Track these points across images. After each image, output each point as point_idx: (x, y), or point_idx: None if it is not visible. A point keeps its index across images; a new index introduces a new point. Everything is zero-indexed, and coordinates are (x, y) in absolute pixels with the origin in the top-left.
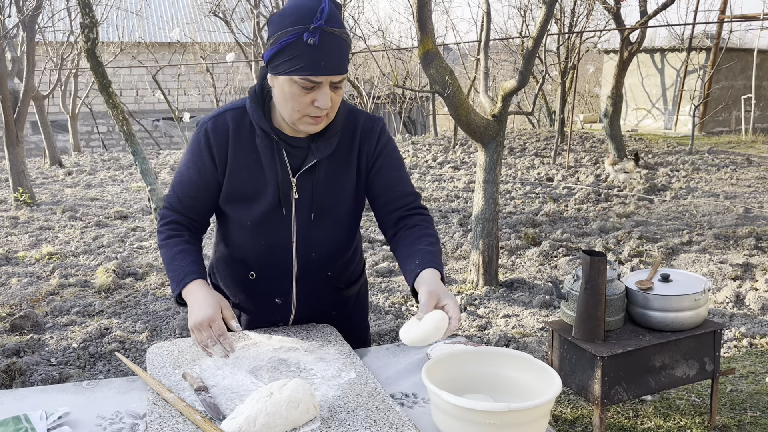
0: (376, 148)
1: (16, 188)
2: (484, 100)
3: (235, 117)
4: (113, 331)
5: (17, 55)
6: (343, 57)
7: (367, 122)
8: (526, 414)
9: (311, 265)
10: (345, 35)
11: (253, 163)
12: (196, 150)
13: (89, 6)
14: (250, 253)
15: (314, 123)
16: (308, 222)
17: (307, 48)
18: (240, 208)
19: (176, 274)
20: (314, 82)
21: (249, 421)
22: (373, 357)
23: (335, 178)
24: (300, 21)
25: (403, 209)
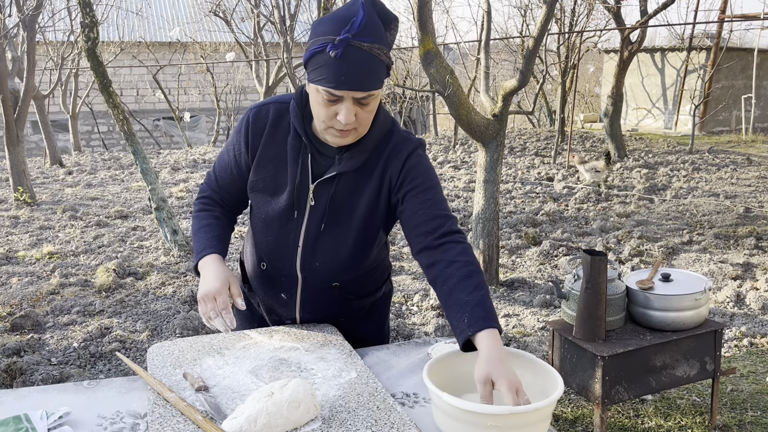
0: (401, 171)
1: (16, 188)
2: (484, 99)
3: (278, 110)
4: (114, 330)
5: (18, 55)
6: (368, 73)
7: (398, 145)
8: (527, 416)
9: (315, 273)
10: (377, 50)
11: (280, 160)
12: (236, 134)
13: (89, 5)
14: (263, 246)
15: (340, 136)
16: (317, 231)
17: (330, 60)
18: (260, 200)
19: (197, 245)
20: (335, 96)
21: (250, 421)
22: (374, 357)
23: (353, 194)
24: (330, 31)
25: (434, 236)
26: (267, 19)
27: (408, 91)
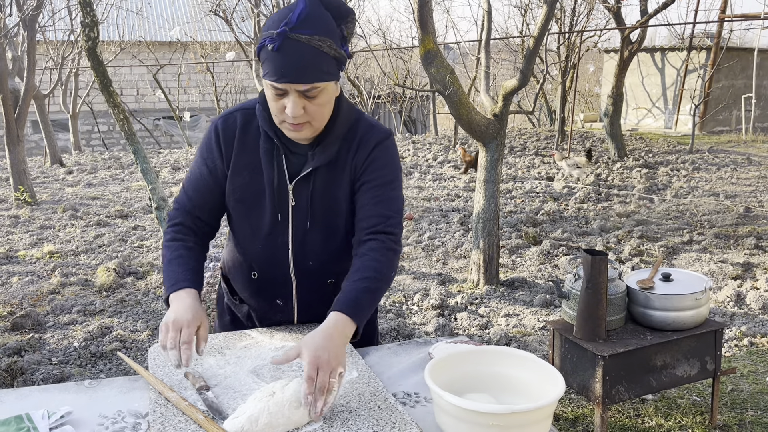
0: (366, 161)
1: (16, 187)
2: (484, 99)
3: (245, 116)
4: (114, 330)
5: (18, 54)
6: (309, 65)
7: (366, 134)
8: (529, 416)
9: (309, 272)
10: (318, 42)
11: (255, 166)
12: (206, 147)
13: (90, 5)
14: (250, 255)
15: (293, 130)
16: (304, 230)
17: (270, 54)
18: (241, 209)
19: (171, 276)
20: (280, 89)
21: (251, 421)
22: (375, 356)
23: (331, 188)
24: (272, 25)
25: (366, 231)
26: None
27: (408, 90)
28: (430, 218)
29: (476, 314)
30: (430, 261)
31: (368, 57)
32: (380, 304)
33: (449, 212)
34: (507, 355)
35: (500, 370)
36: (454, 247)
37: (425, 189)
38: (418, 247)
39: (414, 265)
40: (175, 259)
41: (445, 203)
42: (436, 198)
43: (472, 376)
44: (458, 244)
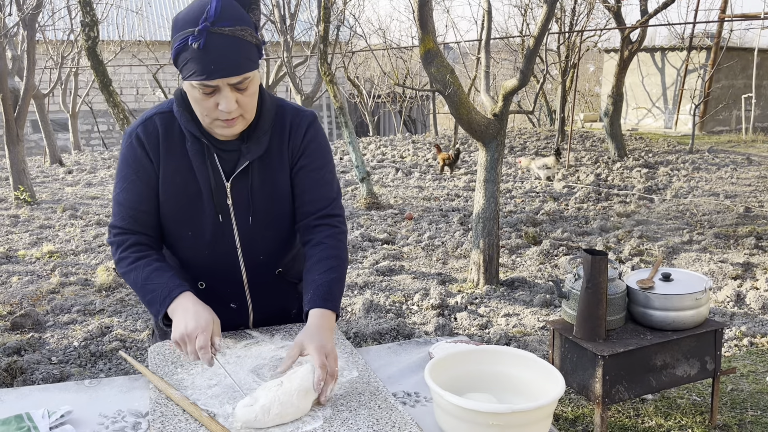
0: (301, 145)
1: (16, 187)
2: (484, 99)
3: (164, 120)
4: (114, 329)
5: (18, 54)
6: (237, 57)
7: (295, 117)
8: (529, 415)
9: (260, 266)
10: (240, 32)
11: (186, 169)
12: (132, 160)
13: (90, 4)
14: (195, 264)
15: (227, 126)
16: (248, 226)
17: (195, 52)
18: (177, 218)
19: (158, 292)
20: (211, 87)
21: (264, 411)
22: (374, 356)
23: (269, 177)
24: (188, 24)
25: (313, 216)
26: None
27: (408, 90)
28: (430, 218)
29: (476, 314)
30: (430, 261)
31: (368, 56)
32: (380, 303)
33: (449, 212)
34: (507, 354)
35: (500, 370)
36: (454, 246)
37: (425, 189)
38: (418, 246)
39: (414, 265)
40: (154, 271)
41: (445, 203)
42: (436, 198)
43: (472, 375)
44: (458, 243)
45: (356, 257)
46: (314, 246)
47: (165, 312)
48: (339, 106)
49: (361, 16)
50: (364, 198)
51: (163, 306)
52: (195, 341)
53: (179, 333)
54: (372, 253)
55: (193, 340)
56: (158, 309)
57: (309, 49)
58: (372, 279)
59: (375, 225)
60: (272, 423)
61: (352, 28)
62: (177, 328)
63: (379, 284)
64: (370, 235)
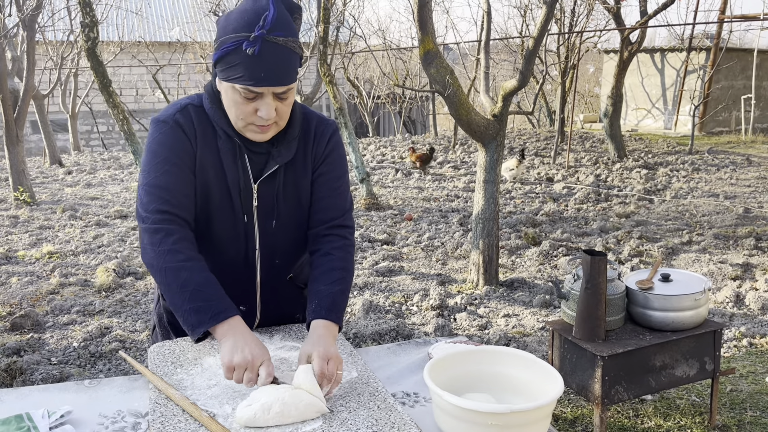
0: (324, 152)
1: (16, 187)
2: (484, 99)
3: (197, 112)
4: (114, 330)
5: (17, 55)
6: (287, 67)
7: (319, 126)
8: (527, 415)
9: (274, 270)
10: (292, 43)
11: (217, 165)
12: (172, 143)
13: (89, 5)
14: (212, 262)
15: (260, 132)
16: (270, 229)
17: (247, 58)
18: (202, 213)
19: (212, 304)
20: (255, 93)
21: (264, 409)
22: (374, 356)
23: (294, 183)
24: (242, 28)
25: (325, 225)
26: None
27: (408, 91)
28: (430, 219)
29: (476, 315)
30: (430, 261)
31: (368, 57)
32: (379, 304)
33: (449, 213)
34: (505, 354)
35: (499, 370)
36: (453, 247)
37: (425, 189)
38: (417, 247)
39: (413, 266)
40: (209, 282)
41: (445, 204)
42: (436, 198)
43: (471, 375)
44: (458, 244)
45: (356, 258)
46: (323, 256)
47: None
48: (338, 106)
49: (361, 17)
50: (363, 199)
51: (213, 320)
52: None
53: (242, 359)
54: (372, 254)
55: (256, 369)
56: (204, 320)
57: (309, 49)
58: (371, 280)
59: (375, 226)
60: (273, 422)
61: (352, 29)
62: (237, 353)
63: (378, 285)
64: (370, 236)
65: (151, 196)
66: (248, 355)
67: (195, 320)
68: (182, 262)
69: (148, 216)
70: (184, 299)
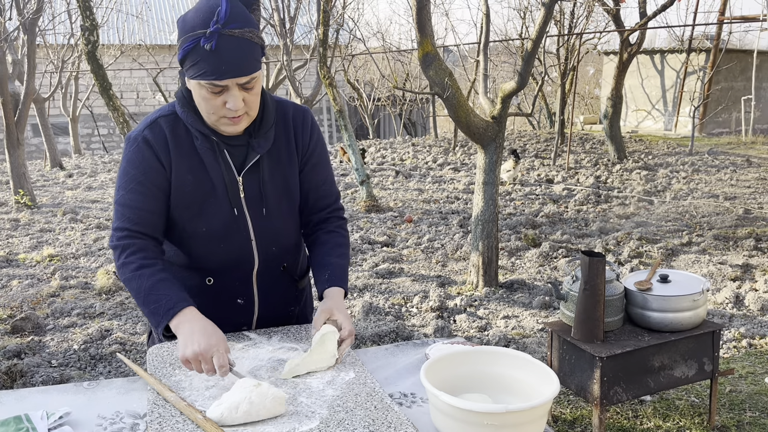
0: (310, 143)
1: (16, 190)
2: (483, 101)
3: (169, 123)
4: (114, 332)
5: (18, 58)
6: (246, 58)
7: (297, 114)
8: (523, 415)
9: (271, 260)
10: (249, 34)
11: (197, 168)
12: (139, 162)
13: (90, 9)
14: (207, 260)
15: (232, 124)
16: (262, 217)
17: (206, 53)
18: (191, 216)
19: (161, 303)
20: (220, 86)
21: (231, 408)
22: (371, 357)
23: (278, 170)
24: (199, 25)
25: (326, 210)
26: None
27: (408, 93)
28: (430, 220)
29: (475, 316)
30: (430, 263)
31: (367, 60)
32: (379, 305)
33: (449, 214)
34: (502, 355)
35: (495, 370)
36: (453, 249)
37: (425, 191)
38: (417, 249)
39: (413, 267)
40: (159, 282)
41: (445, 205)
42: (436, 200)
43: (468, 376)
44: (457, 246)
45: (356, 260)
46: (327, 233)
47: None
48: (338, 109)
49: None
50: (363, 201)
51: (165, 318)
52: (211, 361)
53: (192, 352)
54: (371, 256)
55: (209, 360)
56: (159, 320)
57: (309, 52)
58: (371, 281)
59: (374, 228)
60: (241, 420)
61: (352, 32)
62: (188, 346)
63: (378, 287)
64: (370, 238)
65: (116, 215)
66: (197, 347)
67: (154, 322)
68: (134, 271)
69: (113, 234)
70: (142, 305)
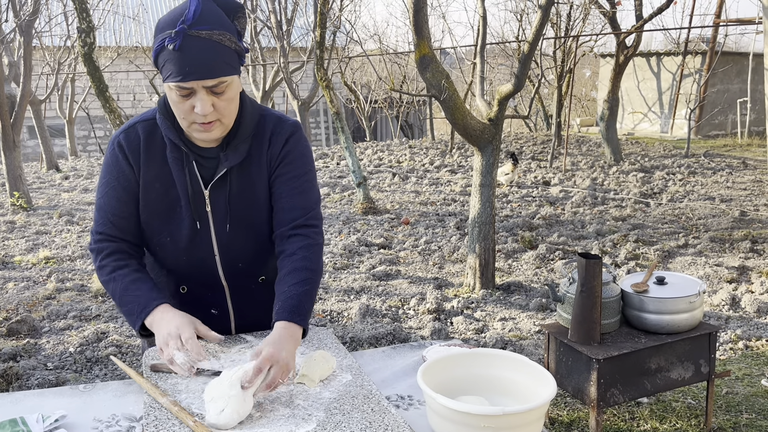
0: (280, 154)
1: (12, 193)
2: (480, 103)
3: (146, 128)
4: (110, 335)
5: (14, 60)
6: (212, 60)
7: (276, 126)
8: (520, 417)
9: (240, 274)
10: (219, 36)
11: (165, 177)
12: (113, 167)
13: (86, 10)
14: (175, 269)
15: (204, 130)
16: (225, 233)
17: (171, 54)
18: (157, 224)
19: (136, 303)
20: (186, 89)
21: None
22: (368, 359)
23: (248, 186)
24: (168, 26)
25: (288, 226)
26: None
27: (405, 95)
28: (427, 222)
29: (472, 318)
30: (427, 265)
31: (364, 62)
32: (375, 308)
33: (445, 216)
34: (498, 357)
35: (492, 373)
36: (450, 251)
37: (422, 193)
38: (414, 251)
39: (410, 270)
40: (133, 283)
41: (442, 208)
42: (433, 202)
43: (465, 378)
44: (454, 248)
45: (353, 262)
46: (287, 257)
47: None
48: (335, 111)
49: (358, 21)
50: (360, 203)
51: (139, 318)
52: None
53: (162, 337)
54: (368, 258)
55: (176, 338)
56: (135, 320)
57: (305, 54)
58: (368, 284)
59: (371, 230)
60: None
61: (349, 34)
62: (159, 334)
63: (375, 289)
64: (367, 240)
65: (95, 218)
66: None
67: (130, 321)
68: (109, 274)
69: (91, 238)
70: (120, 307)
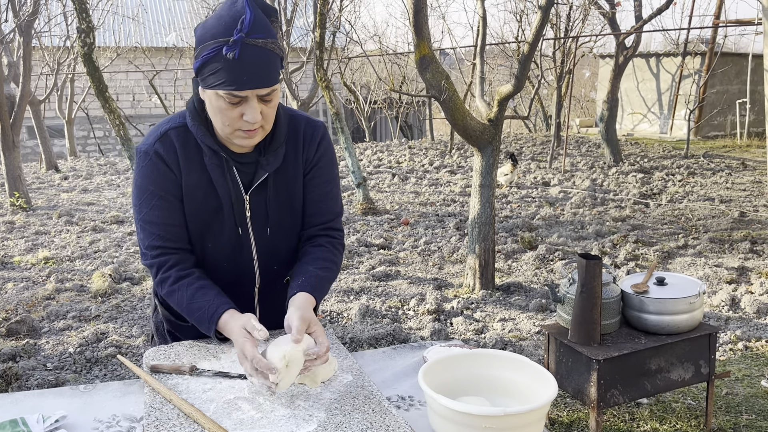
0: (314, 157)
1: (12, 193)
2: (480, 104)
3: (179, 135)
4: (109, 335)
5: (14, 60)
6: (268, 69)
7: (308, 128)
8: (521, 418)
9: (273, 277)
10: (272, 45)
11: (206, 183)
12: (155, 177)
13: (86, 11)
14: (213, 276)
15: (247, 137)
16: (266, 237)
17: (228, 62)
18: (198, 231)
19: (204, 311)
20: (239, 97)
21: None
22: (369, 360)
23: (285, 189)
24: (221, 33)
25: (318, 227)
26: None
27: (404, 96)
28: (426, 223)
29: (472, 319)
30: (426, 266)
31: (364, 62)
32: (376, 308)
33: (445, 217)
34: (500, 358)
35: (493, 373)
36: (450, 251)
37: (421, 194)
38: (414, 252)
39: (410, 270)
40: (198, 291)
41: (441, 208)
42: (432, 203)
43: (466, 379)
44: (454, 248)
45: (352, 262)
46: (313, 246)
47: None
48: (335, 111)
49: (357, 22)
50: (360, 204)
51: (211, 326)
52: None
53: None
54: (368, 259)
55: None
56: (207, 327)
57: (305, 55)
58: (368, 284)
59: (371, 230)
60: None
61: (348, 34)
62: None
63: (375, 289)
64: (367, 241)
65: (145, 233)
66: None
67: (203, 329)
68: (172, 285)
69: (146, 253)
70: (187, 316)
